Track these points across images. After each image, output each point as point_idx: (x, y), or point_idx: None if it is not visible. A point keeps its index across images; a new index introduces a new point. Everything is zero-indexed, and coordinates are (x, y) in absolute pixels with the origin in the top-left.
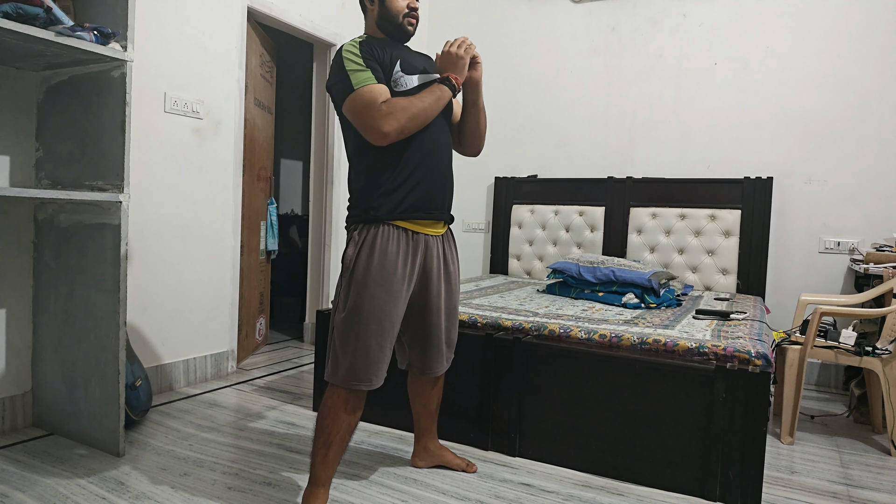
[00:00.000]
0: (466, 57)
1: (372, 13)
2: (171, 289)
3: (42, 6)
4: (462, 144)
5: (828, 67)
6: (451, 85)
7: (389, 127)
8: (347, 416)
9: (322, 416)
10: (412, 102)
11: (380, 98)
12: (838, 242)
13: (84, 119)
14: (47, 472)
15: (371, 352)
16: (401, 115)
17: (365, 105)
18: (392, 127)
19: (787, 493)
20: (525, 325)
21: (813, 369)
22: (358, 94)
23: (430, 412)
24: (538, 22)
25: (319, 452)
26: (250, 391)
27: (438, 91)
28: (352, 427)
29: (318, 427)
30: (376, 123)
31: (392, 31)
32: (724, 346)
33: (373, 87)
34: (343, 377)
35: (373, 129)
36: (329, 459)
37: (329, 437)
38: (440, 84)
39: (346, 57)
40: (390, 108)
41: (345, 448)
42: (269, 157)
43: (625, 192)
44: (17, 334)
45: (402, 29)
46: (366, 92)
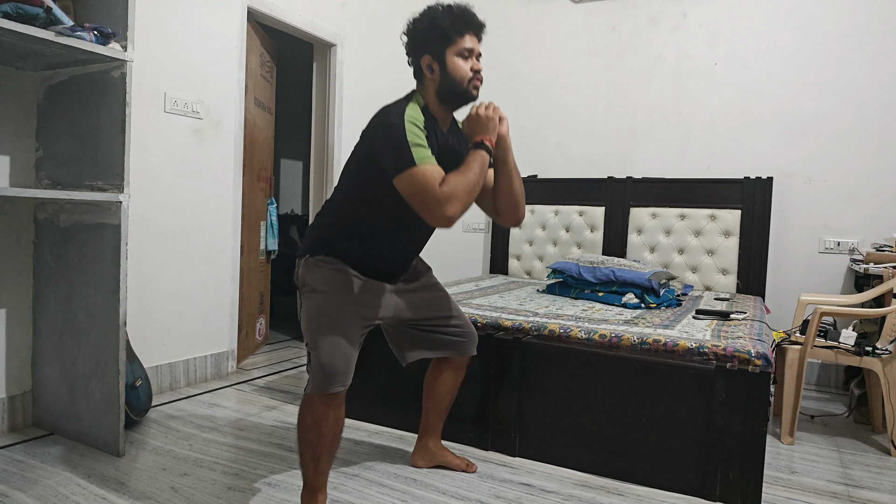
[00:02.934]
0: (496, 117)
1: (432, 81)
2: (171, 289)
3: (42, 6)
4: (500, 213)
5: (828, 67)
6: (487, 148)
7: (454, 210)
8: (330, 424)
9: (304, 431)
10: (467, 177)
11: (439, 179)
12: (838, 242)
13: (84, 119)
14: (47, 472)
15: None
16: (463, 196)
17: (426, 186)
18: (457, 210)
19: (787, 493)
20: (525, 325)
21: (813, 369)
22: (419, 172)
23: (440, 411)
24: (538, 22)
25: (309, 465)
26: (250, 391)
27: (479, 157)
28: (337, 435)
29: (302, 442)
30: (441, 207)
31: (454, 99)
32: (724, 346)
33: (434, 168)
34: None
35: (436, 212)
36: (321, 468)
37: (317, 450)
38: (476, 150)
39: (409, 128)
40: (452, 190)
41: (335, 453)
42: (269, 157)
43: (625, 192)
44: (17, 334)
45: (468, 95)
46: (427, 171)
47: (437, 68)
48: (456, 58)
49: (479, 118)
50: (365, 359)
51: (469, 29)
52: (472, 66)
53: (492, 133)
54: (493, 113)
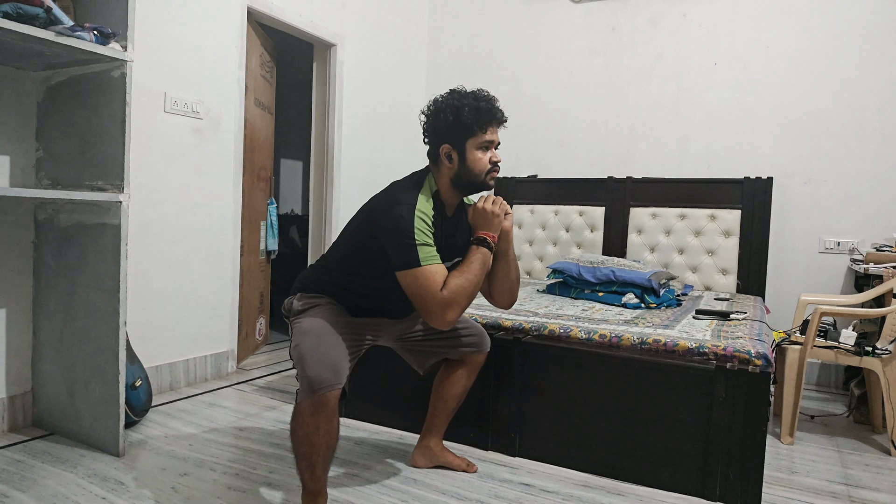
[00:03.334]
0: (501, 214)
1: (447, 167)
2: (171, 289)
3: (42, 6)
4: (493, 296)
5: (828, 67)
6: (489, 245)
7: (453, 316)
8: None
9: (297, 443)
10: (468, 280)
11: (441, 281)
12: (838, 242)
13: (84, 119)
14: (47, 472)
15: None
16: (463, 301)
17: (428, 289)
18: (456, 315)
19: (787, 493)
20: (525, 325)
21: (813, 369)
22: (423, 274)
23: (448, 410)
24: (538, 22)
25: (306, 472)
26: (250, 391)
27: (481, 256)
28: (332, 443)
29: (296, 453)
30: (441, 313)
31: (468, 188)
32: (724, 346)
33: (437, 270)
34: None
35: (435, 315)
36: (318, 475)
37: (311, 459)
38: (479, 247)
39: (417, 223)
40: (453, 296)
41: (331, 457)
42: (269, 157)
43: (625, 192)
44: (17, 334)
45: (484, 186)
46: (430, 273)
47: (456, 158)
48: (476, 151)
49: (485, 214)
50: (365, 359)
51: (493, 124)
52: (492, 157)
53: (495, 229)
54: (500, 209)
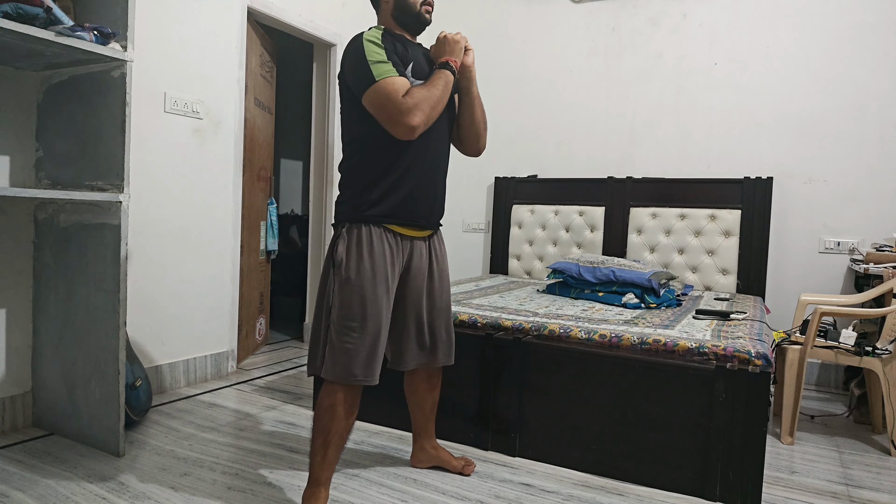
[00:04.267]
0: (462, 42)
1: (387, 5)
2: (171, 289)
3: (42, 6)
4: (461, 141)
5: (828, 67)
6: (451, 68)
7: (417, 120)
8: (345, 413)
9: (319, 415)
10: (431, 91)
11: (402, 90)
12: (838, 242)
13: (84, 119)
14: (47, 472)
15: (364, 347)
16: (425, 107)
17: (389, 97)
18: (420, 120)
19: (787, 493)
20: (525, 325)
21: (813, 369)
22: (381, 86)
23: (426, 413)
24: (538, 22)
25: (319, 452)
26: (250, 391)
27: (444, 76)
28: (349, 425)
29: (315, 427)
30: (404, 118)
31: (409, 22)
32: (724, 346)
33: (396, 80)
34: (339, 373)
35: (399, 123)
36: (328, 459)
37: (328, 437)
38: (441, 69)
39: (367, 47)
40: (415, 101)
41: (343, 446)
42: (269, 157)
43: (625, 192)
44: (17, 334)
45: (420, 18)
46: (389, 84)
47: None
48: None
49: (446, 41)
50: None
51: None
52: None
53: (457, 56)
54: (460, 38)
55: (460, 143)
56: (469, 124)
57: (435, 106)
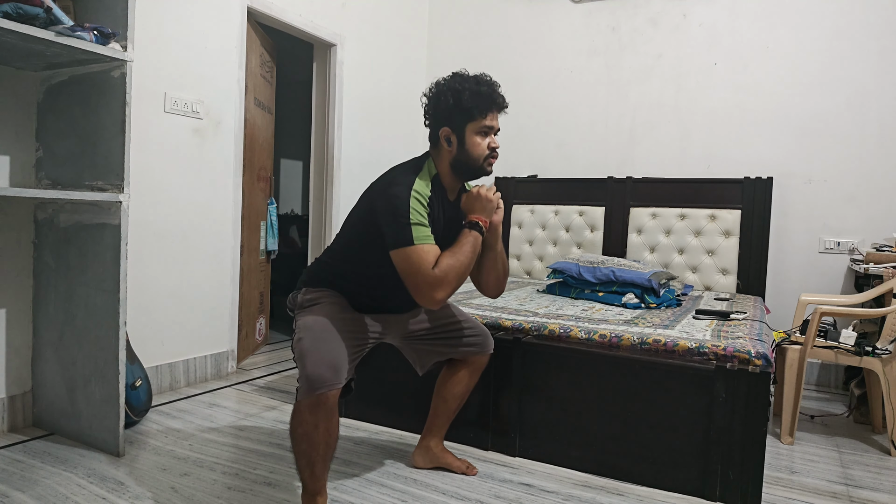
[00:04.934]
0: (495, 202)
1: (447, 151)
2: (171, 289)
3: (42, 6)
4: (481, 286)
5: (828, 67)
6: (480, 229)
7: (443, 295)
8: (322, 435)
9: (296, 441)
10: (458, 260)
11: (433, 260)
12: (838, 242)
13: (84, 119)
14: (47, 472)
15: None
16: (454, 282)
17: (420, 268)
18: (446, 295)
19: (787, 493)
20: (525, 325)
21: (813, 369)
22: (415, 253)
23: (450, 412)
24: (538, 22)
25: (305, 471)
26: (250, 391)
27: (472, 239)
28: (330, 443)
29: (295, 451)
30: (431, 291)
31: (466, 173)
32: (724, 346)
33: (430, 250)
34: (303, 386)
35: (424, 294)
36: (317, 474)
37: (311, 458)
38: (470, 230)
39: (413, 203)
40: (444, 275)
41: (331, 458)
42: (269, 157)
43: (625, 192)
44: (17, 334)
45: (482, 171)
46: (422, 252)
47: (455, 142)
48: (476, 135)
49: (480, 198)
50: (365, 359)
51: (493, 109)
52: (490, 143)
53: (488, 215)
54: (494, 197)
55: (479, 286)
56: (489, 274)
57: (461, 275)
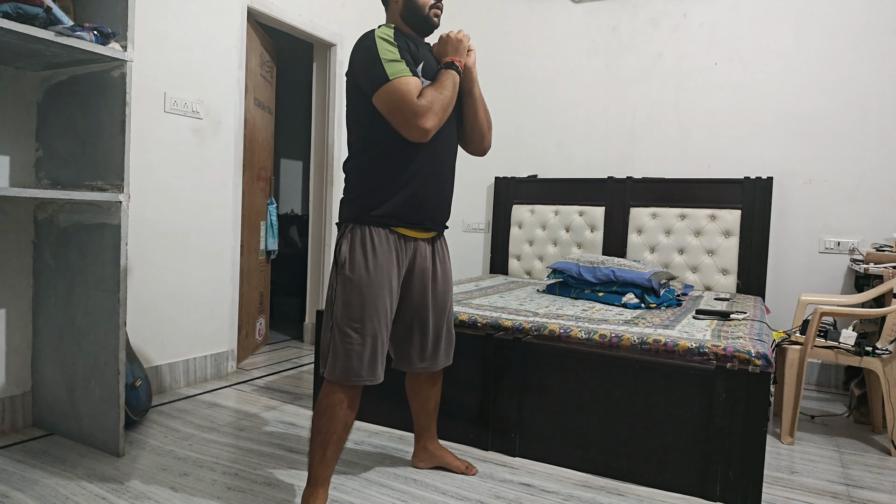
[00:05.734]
0: (466, 41)
1: (396, 5)
2: (171, 289)
3: (42, 6)
4: (467, 142)
5: (828, 67)
6: (457, 69)
7: (431, 123)
8: (344, 413)
9: (318, 415)
10: (442, 94)
11: (416, 91)
12: (838, 242)
13: (84, 119)
14: (47, 472)
15: (366, 347)
16: (438, 109)
17: (403, 98)
18: (433, 123)
19: (787, 493)
20: (525, 325)
21: (813, 369)
22: (395, 86)
23: (428, 412)
24: (538, 22)
25: (317, 452)
26: (250, 391)
27: (451, 76)
28: (348, 425)
29: (314, 427)
30: (418, 120)
31: (418, 24)
32: (725, 346)
33: (409, 80)
34: (340, 373)
35: (414, 126)
36: (327, 458)
37: (326, 437)
38: (447, 69)
39: (380, 45)
40: (429, 103)
41: (342, 446)
42: (269, 157)
43: (625, 192)
44: (17, 334)
45: (429, 21)
46: (403, 84)
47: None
48: None
49: (450, 40)
50: None
51: None
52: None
53: (461, 55)
54: (464, 37)
55: (465, 143)
56: (472, 124)
57: (446, 108)
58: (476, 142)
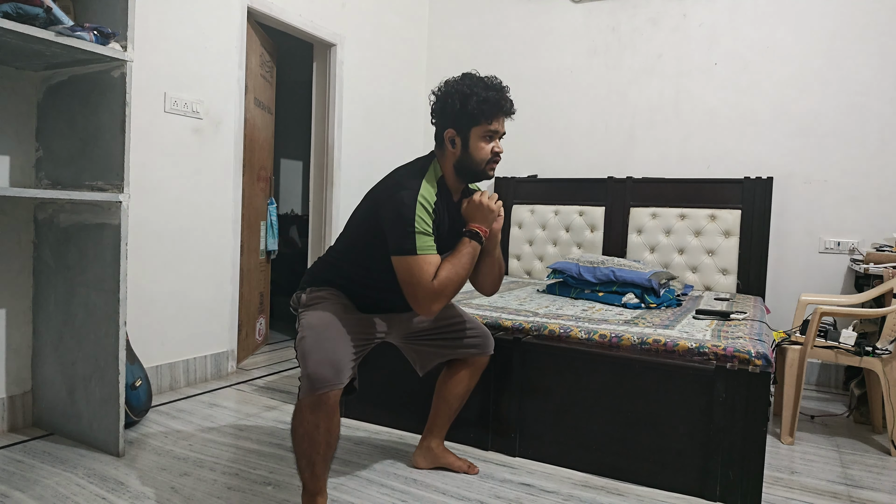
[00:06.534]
0: (496, 211)
1: (452, 154)
2: (171, 289)
3: (42, 6)
4: (478, 286)
5: (828, 67)
6: (480, 239)
7: (438, 307)
8: (322, 434)
9: (297, 440)
10: (457, 273)
11: (433, 271)
12: (838, 242)
13: (84, 119)
14: (47, 472)
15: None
16: (450, 293)
17: (420, 278)
18: (440, 306)
19: (787, 493)
20: (525, 325)
21: (813, 369)
22: (418, 263)
23: (451, 412)
24: (538, 22)
25: (306, 471)
26: (250, 391)
27: (471, 249)
28: (332, 441)
29: (296, 450)
30: (428, 302)
31: (468, 175)
32: (725, 346)
33: (432, 260)
34: (305, 387)
35: (421, 303)
36: (317, 473)
37: (311, 458)
38: (470, 240)
39: (419, 210)
40: (442, 287)
41: (331, 456)
42: (269, 157)
43: (625, 192)
44: (17, 334)
45: (484, 175)
46: (424, 263)
47: (459, 144)
48: (480, 140)
49: (481, 207)
50: (366, 358)
51: (500, 115)
52: (494, 147)
53: (489, 224)
54: (496, 207)
55: (476, 286)
56: (485, 280)
57: (458, 286)
58: (486, 290)
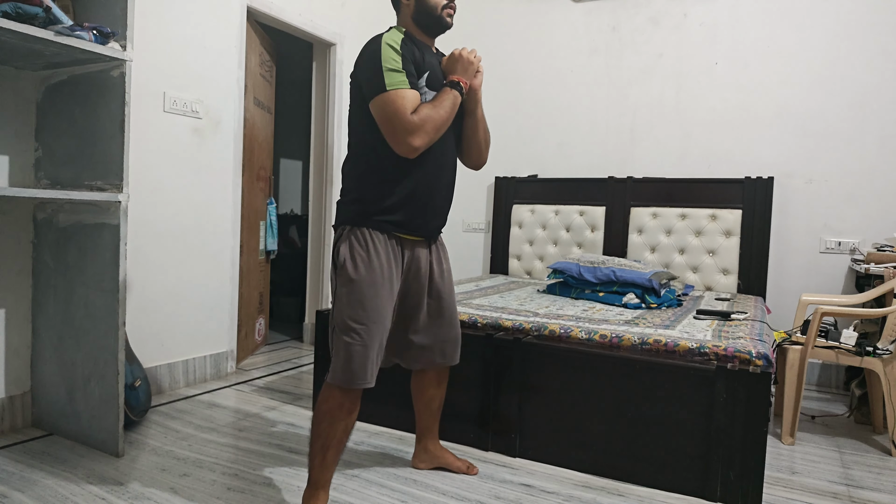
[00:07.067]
0: (476, 63)
1: (407, 7)
2: (171, 289)
3: (41, 6)
4: (463, 155)
5: (828, 67)
6: (460, 89)
7: (419, 142)
8: (344, 417)
9: (318, 419)
10: (437, 113)
11: (411, 106)
12: (839, 242)
13: (83, 119)
14: (47, 472)
15: (368, 350)
16: (430, 128)
17: (396, 111)
18: (422, 141)
19: (787, 493)
20: (525, 326)
21: (814, 369)
22: (390, 97)
23: (432, 412)
24: (538, 21)
25: (317, 456)
26: (250, 391)
27: (452, 96)
28: (348, 428)
29: (314, 431)
30: (407, 136)
31: (430, 25)
32: (725, 347)
33: (406, 93)
34: (341, 377)
35: (402, 141)
36: (327, 462)
37: (326, 441)
38: (450, 88)
39: (385, 51)
40: (422, 121)
41: (342, 449)
42: (269, 156)
43: (625, 191)
44: (16, 334)
45: (441, 21)
46: (398, 97)
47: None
48: None
49: (461, 59)
50: None
51: None
52: None
53: (469, 76)
54: (475, 59)
55: (462, 156)
56: (470, 143)
57: (439, 128)
58: (472, 158)
